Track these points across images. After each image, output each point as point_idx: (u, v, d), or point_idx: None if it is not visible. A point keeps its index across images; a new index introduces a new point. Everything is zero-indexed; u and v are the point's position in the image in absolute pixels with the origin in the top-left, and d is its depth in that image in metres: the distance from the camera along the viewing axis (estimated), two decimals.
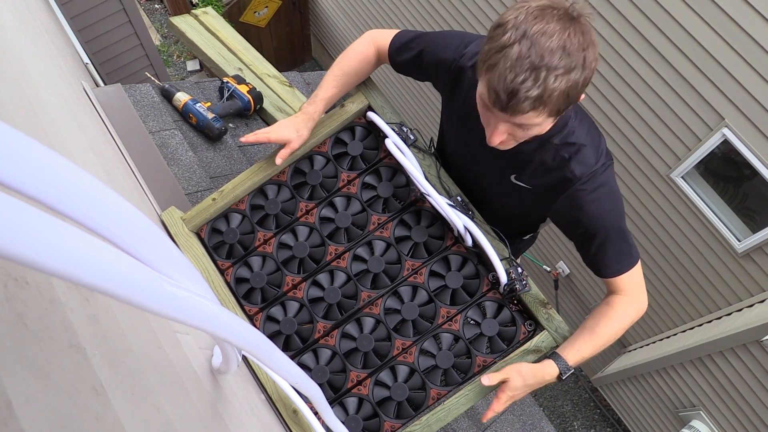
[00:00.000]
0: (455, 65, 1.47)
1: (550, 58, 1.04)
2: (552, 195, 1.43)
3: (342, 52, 1.69)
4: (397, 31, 1.64)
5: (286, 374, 0.80)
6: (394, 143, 1.66)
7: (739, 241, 3.80)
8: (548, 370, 1.41)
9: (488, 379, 1.42)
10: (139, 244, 0.42)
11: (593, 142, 1.36)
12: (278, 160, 1.67)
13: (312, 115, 1.66)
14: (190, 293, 0.46)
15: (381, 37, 1.67)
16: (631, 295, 1.45)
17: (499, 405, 1.41)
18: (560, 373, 1.41)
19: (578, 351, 1.42)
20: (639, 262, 1.46)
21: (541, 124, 1.18)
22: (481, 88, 1.18)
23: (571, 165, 1.35)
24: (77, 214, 0.33)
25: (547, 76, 1.05)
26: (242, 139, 1.62)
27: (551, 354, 1.44)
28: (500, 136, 1.23)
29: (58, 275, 0.30)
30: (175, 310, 0.43)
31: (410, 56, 1.59)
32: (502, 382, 1.43)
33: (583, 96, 1.18)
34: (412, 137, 1.71)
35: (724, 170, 3.85)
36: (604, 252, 1.42)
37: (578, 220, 1.40)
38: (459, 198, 1.64)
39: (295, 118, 1.67)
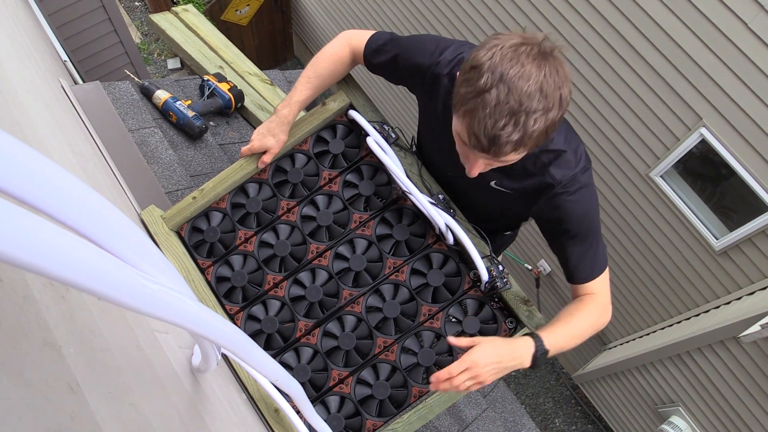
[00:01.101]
0: (431, 72, 1.46)
1: (528, 103, 1.04)
2: (533, 198, 1.44)
3: (317, 53, 1.69)
4: (373, 32, 1.64)
5: (265, 370, 0.80)
6: (375, 141, 1.67)
7: (717, 239, 3.86)
8: (523, 344, 1.31)
9: (456, 340, 1.32)
10: (110, 235, 0.41)
11: (572, 147, 1.37)
12: (260, 165, 1.70)
13: (287, 118, 1.67)
14: (162, 287, 0.46)
15: (356, 38, 1.66)
16: (598, 297, 1.46)
17: (456, 366, 1.25)
18: (535, 352, 1.31)
19: (556, 338, 1.35)
20: (606, 273, 1.47)
21: (517, 159, 1.21)
22: (458, 128, 1.18)
23: (551, 170, 1.36)
24: (47, 206, 0.33)
25: (526, 120, 1.06)
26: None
27: (529, 333, 1.39)
28: (479, 169, 1.26)
29: (25, 267, 0.29)
30: (146, 304, 0.42)
31: (385, 59, 1.59)
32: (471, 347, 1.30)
33: None
34: (393, 135, 1.71)
35: (702, 169, 3.90)
36: (580, 255, 1.42)
37: (560, 220, 1.41)
38: (440, 196, 1.64)
39: (270, 123, 1.68)
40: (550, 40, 1.10)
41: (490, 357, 1.26)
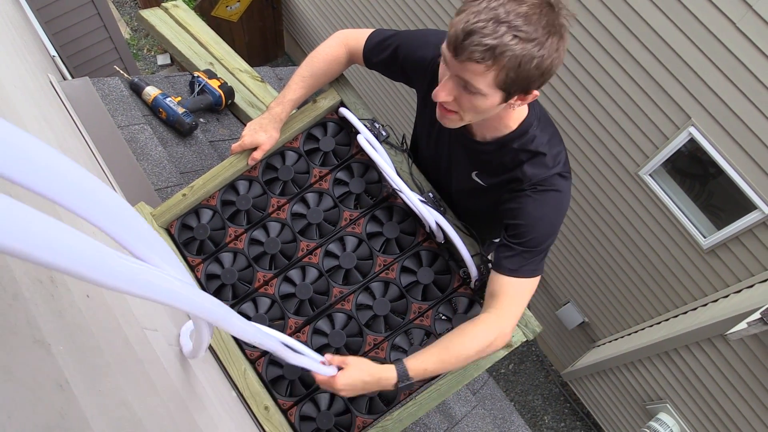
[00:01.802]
0: (433, 63, 1.46)
1: (514, 18, 1.05)
2: (501, 191, 1.43)
3: (311, 52, 1.67)
4: (370, 30, 1.63)
5: (246, 334, 0.80)
6: (366, 139, 1.67)
7: (705, 237, 3.89)
8: (387, 373, 1.33)
9: (328, 358, 1.34)
10: (93, 208, 0.40)
11: (552, 151, 1.36)
12: (250, 162, 1.70)
13: (279, 116, 1.67)
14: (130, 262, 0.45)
15: (353, 38, 1.65)
16: (501, 309, 1.39)
17: (328, 383, 1.32)
18: (398, 380, 1.33)
19: (422, 362, 1.34)
20: (533, 283, 1.40)
21: (486, 93, 1.15)
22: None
23: (525, 167, 1.35)
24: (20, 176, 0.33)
25: (505, 33, 1.05)
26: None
27: (395, 360, 1.38)
28: (446, 92, 1.21)
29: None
30: (115, 279, 0.41)
31: (386, 55, 1.58)
32: (341, 368, 1.34)
33: (536, 93, 1.18)
34: (384, 133, 1.71)
35: (691, 168, 3.93)
36: (515, 251, 1.37)
37: (514, 214, 1.38)
38: (431, 194, 1.65)
39: (263, 120, 1.67)
40: (562, 1, 1.11)
41: (355, 383, 1.32)
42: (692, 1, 3.36)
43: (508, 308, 1.39)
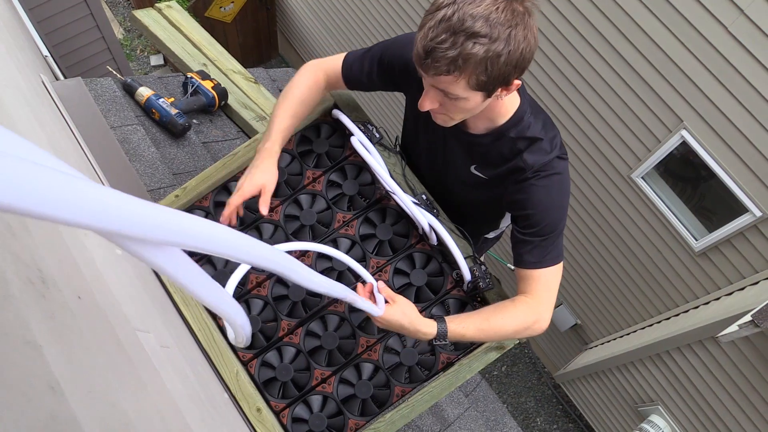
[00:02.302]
0: None
1: (471, 23, 1.06)
2: (505, 182, 1.44)
3: (286, 86, 1.62)
4: (342, 54, 1.64)
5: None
6: (359, 141, 1.67)
7: (697, 240, 3.91)
8: (426, 328, 1.36)
9: (380, 286, 1.36)
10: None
11: (548, 135, 1.38)
12: (263, 209, 1.47)
13: (271, 151, 1.52)
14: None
15: (326, 63, 1.64)
16: (536, 298, 1.42)
17: (379, 314, 1.33)
18: (436, 336, 1.36)
19: (462, 327, 1.37)
20: (558, 269, 1.43)
21: (466, 96, 1.18)
22: None
23: (525, 155, 1.37)
24: None
25: (465, 41, 1.07)
26: (222, 221, 1.46)
27: (438, 317, 1.39)
28: (429, 101, 1.24)
29: None
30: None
31: (369, 68, 1.58)
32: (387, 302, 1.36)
33: (518, 82, 1.20)
34: (377, 135, 1.71)
35: (683, 171, 3.95)
36: (534, 241, 1.39)
37: (523, 204, 1.40)
38: (424, 196, 1.65)
39: (258, 162, 1.51)
40: None
41: (393, 322, 1.34)
42: (684, 5, 3.38)
43: (543, 295, 1.42)
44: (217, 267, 1.67)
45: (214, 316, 1.62)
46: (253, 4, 7.41)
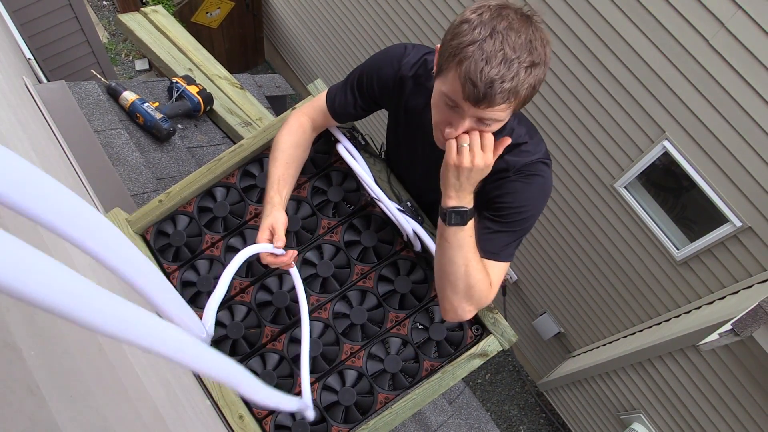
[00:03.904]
0: (397, 77, 1.46)
1: (520, 53, 1.08)
2: (487, 182, 1.43)
3: (274, 139, 1.60)
4: (322, 92, 1.63)
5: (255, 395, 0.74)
6: (345, 148, 1.67)
7: (678, 249, 3.95)
8: (470, 193, 1.30)
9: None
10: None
11: (533, 140, 1.38)
12: (279, 244, 1.42)
13: (272, 202, 1.49)
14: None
15: (307, 106, 1.64)
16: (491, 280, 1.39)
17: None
18: (468, 209, 1.29)
19: (469, 236, 1.31)
20: (506, 267, 1.41)
21: (503, 119, 1.19)
22: (446, 85, 1.17)
23: (507, 157, 1.36)
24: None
25: (518, 70, 1.08)
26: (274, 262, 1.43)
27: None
28: (464, 128, 1.21)
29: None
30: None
31: (351, 97, 1.56)
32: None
33: None
34: (363, 142, 1.71)
35: (665, 181, 4.00)
36: (497, 234, 1.37)
37: (499, 196, 1.38)
38: (409, 203, 1.65)
39: (262, 214, 1.49)
40: (529, 7, 1.15)
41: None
42: (667, 18, 3.43)
43: (493, 281, 1.39)
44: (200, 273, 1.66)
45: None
46: (239, 10, 7.41)
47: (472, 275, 1.33)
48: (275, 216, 1.46)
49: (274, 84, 3.83)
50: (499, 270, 1.40)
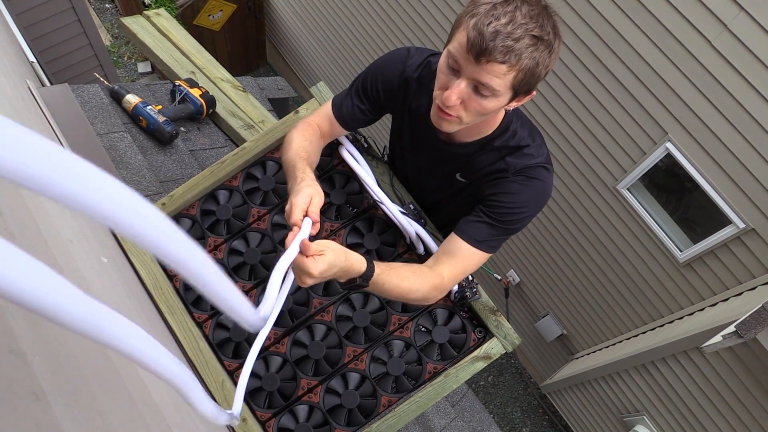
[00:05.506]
0: (401, 79, 1.47)
1: (530, 23, 1.08)
2: (485, 182, 1.43)
3: (284, 146, 1.50)
4: (327, 101, 1.60)
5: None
6: (347, 150, 1.67)
7: (681, 251, 3.95)
8: (358, 264, 1.21)
9: (308, 248, 1.13)
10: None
11: (536, 143, 1.38)
12: (315, 217, 1.24)
13: (304, 177, 1.33)
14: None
15: (314, 114, 1.59)
16: (450, 277, 1.38)
17: (310, 266, 1.12)
18: (364, 273, 1.22)
19: (386, 276, 1.26)
20: (485, 258, 1.39)
21: (501, 93, 1.15)
22: (454, 43, 1.15)
23: (508, 158, 1.36)
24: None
25: (525, 35, 1.08)
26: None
27: (368, 258, 1.25)
28: (456, 94, 1.17)
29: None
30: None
31: (358, 103, 1.54)
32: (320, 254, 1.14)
33: (534, 92, 1.21)
34: (365, 145, 1.72)
35: (668, 183, 3.99)
36: (480, 223, 1.36)
37: (494, 193, 1.38)
38: (411, 206, 1.65)
39: (299, 186, 1.30)
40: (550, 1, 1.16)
41: (335, 266, 1.15)
42: (670, 20, 3.43)
43: (456, 273, 1.39)
44: None
45: (199, 325, 1.61)
46: (241, 13, 7.42)
47: (414, 292, 1.32)
48: (316, 191, 1.28)
49: (277, 86, 3.83)
50: (475, 259, 1.38)
